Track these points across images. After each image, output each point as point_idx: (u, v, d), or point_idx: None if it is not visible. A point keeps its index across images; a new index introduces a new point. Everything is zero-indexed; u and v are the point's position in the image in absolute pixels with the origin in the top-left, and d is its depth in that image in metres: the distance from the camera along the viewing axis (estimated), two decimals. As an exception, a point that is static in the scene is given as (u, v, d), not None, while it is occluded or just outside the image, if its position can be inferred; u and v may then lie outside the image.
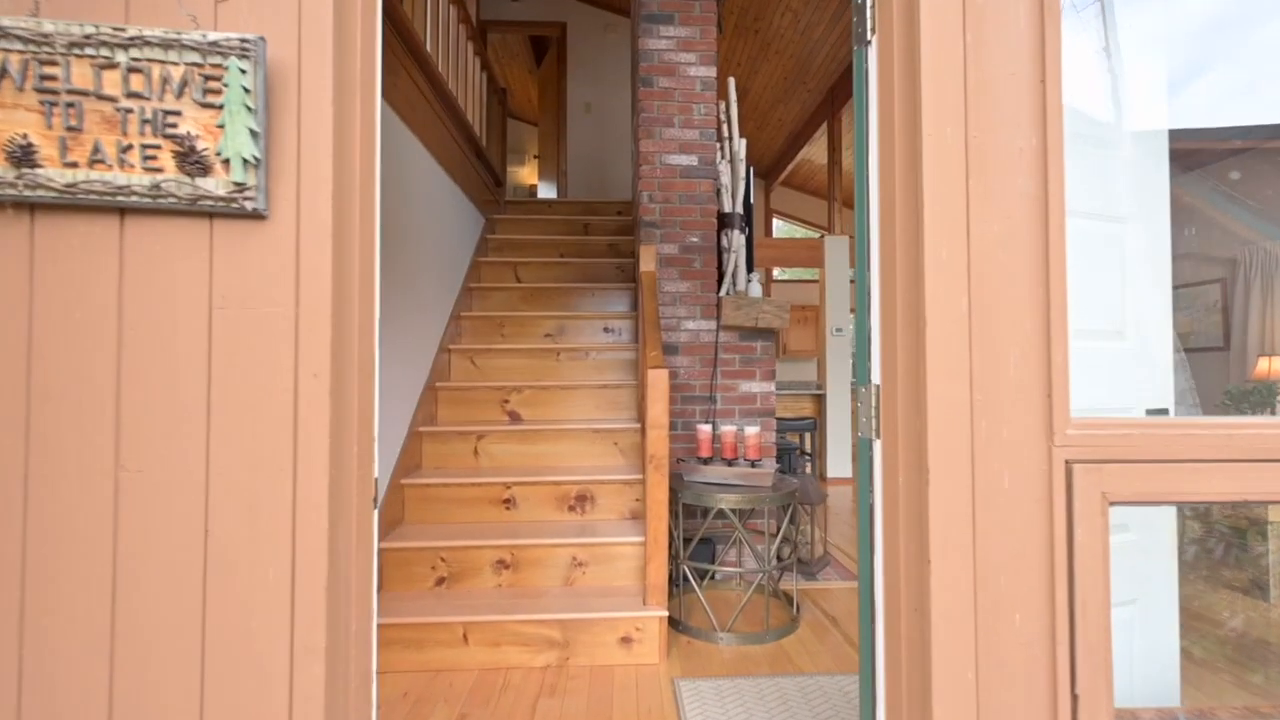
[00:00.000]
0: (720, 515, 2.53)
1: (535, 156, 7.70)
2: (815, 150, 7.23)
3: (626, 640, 2.23)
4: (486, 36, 5.93)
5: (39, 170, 0.81)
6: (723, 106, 3.19)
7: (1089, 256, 1.32)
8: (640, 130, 3.19)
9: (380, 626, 2.18)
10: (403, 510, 2.66)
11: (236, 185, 0.84)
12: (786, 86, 6.07)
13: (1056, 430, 0.90)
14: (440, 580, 2.43)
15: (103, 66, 0.82)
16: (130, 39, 0.81)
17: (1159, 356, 1.42)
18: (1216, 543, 2.68)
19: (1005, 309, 0.92)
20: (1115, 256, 1.35)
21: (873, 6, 1.05)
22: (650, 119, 3.16)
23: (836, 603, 2.85)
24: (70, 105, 0.82)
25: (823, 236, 6.11)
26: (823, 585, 3.09)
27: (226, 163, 0.84)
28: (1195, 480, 0.90)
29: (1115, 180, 1.40)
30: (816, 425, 5.99)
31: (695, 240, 3.20)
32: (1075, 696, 0.87)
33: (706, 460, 2.69)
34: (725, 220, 3.19)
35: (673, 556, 2.64)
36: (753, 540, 3.03)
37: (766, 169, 8.03)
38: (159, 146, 0.83)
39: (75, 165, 0.82)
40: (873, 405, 1.08)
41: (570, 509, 2.72)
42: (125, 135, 0.83)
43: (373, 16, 0.97)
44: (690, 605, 2.74)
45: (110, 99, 0.82)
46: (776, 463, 3.25)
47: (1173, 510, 1.41)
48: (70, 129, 0.82)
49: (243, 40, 0.83)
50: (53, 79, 0.81)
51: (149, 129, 0.83)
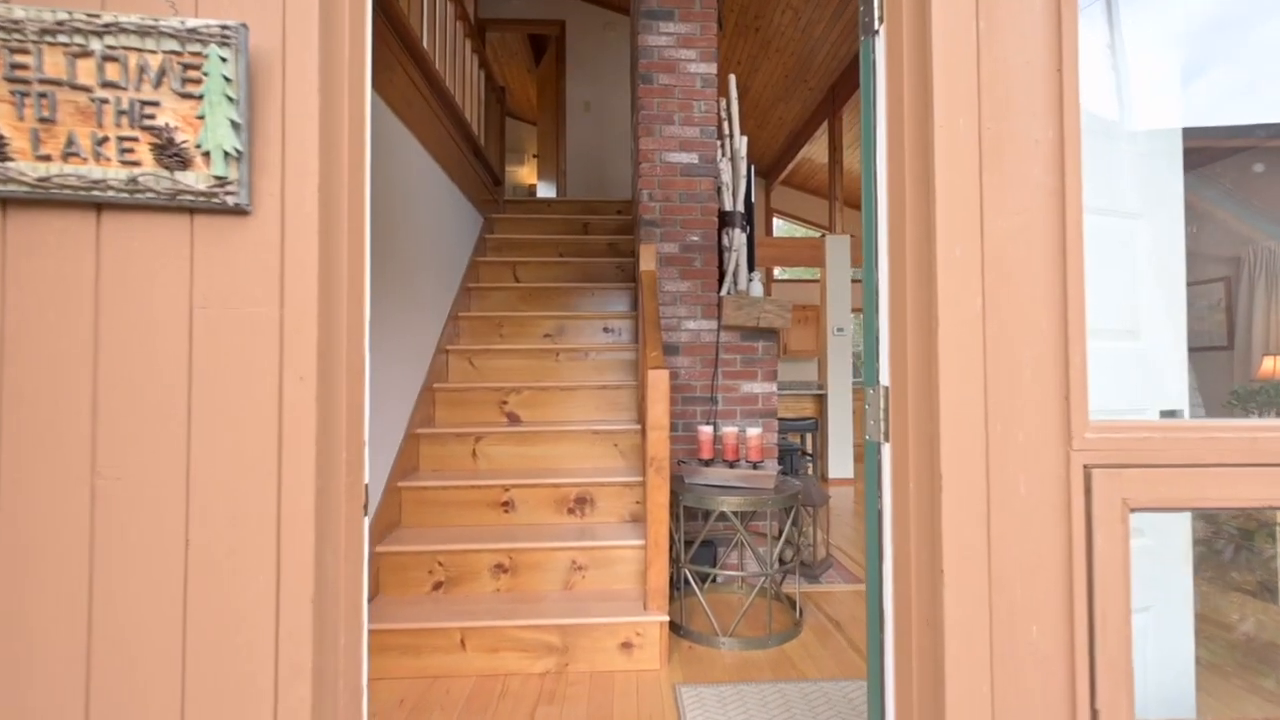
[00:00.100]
0: (722, 518, 2.50)
1: (534, 156, 7.66)
2: (816, 149, 7.19)
3: (627, 646, 2.19)
4: (485, 35, 5.89)
5: (10, 164, 0.77)
6: (723, 103, 3.15)
7: (1101, 253, 1.28)
8: (640, 128, 3.15)
9: (376, 632, 2.14)
10: (399, 513, 2.62)
11: (217, 179, 0.80)
12: (787, 85, 6.03)
13: (1074, 434, 0.86)
14: (438, 585, 2.40)
15: (77, 55, 0.78)
16: (105, 26, 0.78)
17: (1172, 356, 1.38)
18: (1225, 544, 2.64)
19: (1021, 307, 0.88)
20: (1127, 253, 1.31)
21: (881, -6, 1.02)
22: (650, 116, 3.12)
23: (839, 606, 2.81)
24: (43, 96, 0.78)
25: (823, 236, 6.07)
26: (825, 588, 3.05)
27: (207, 156, 0.80)
28: (1220, 485, 0.86)
29: (1126, 176, 1.36)
30: (818, 425, 5.95)
31: (696, 239, 3.16)
32: (1095, 712, 0.84)
33: (708, 462, 2.65)
34: (726, 219, 3.15)
35: (673, 559, 2.60)
36: (755, 543, 2.99)
37: (767, 168, 7.99)
38: (136, 139, 0.79)
39: (48, 158, 0.78)
40: (881, 408, 1.05)
41: (570, 512, 2.68)
42: (101, 127, 0.79)
43: (361, 4, 0.93)
44: (691, 609, 2.71)
45: (85, 89, 0.79)
46: (778, 464, 3.21)
47: (1188, 514, 1.37)
48: (43, 120, 0.78)
49: (223, 27, 0.79)
50: (24, 68, 0.77)
51: (125, 120, 0.79)
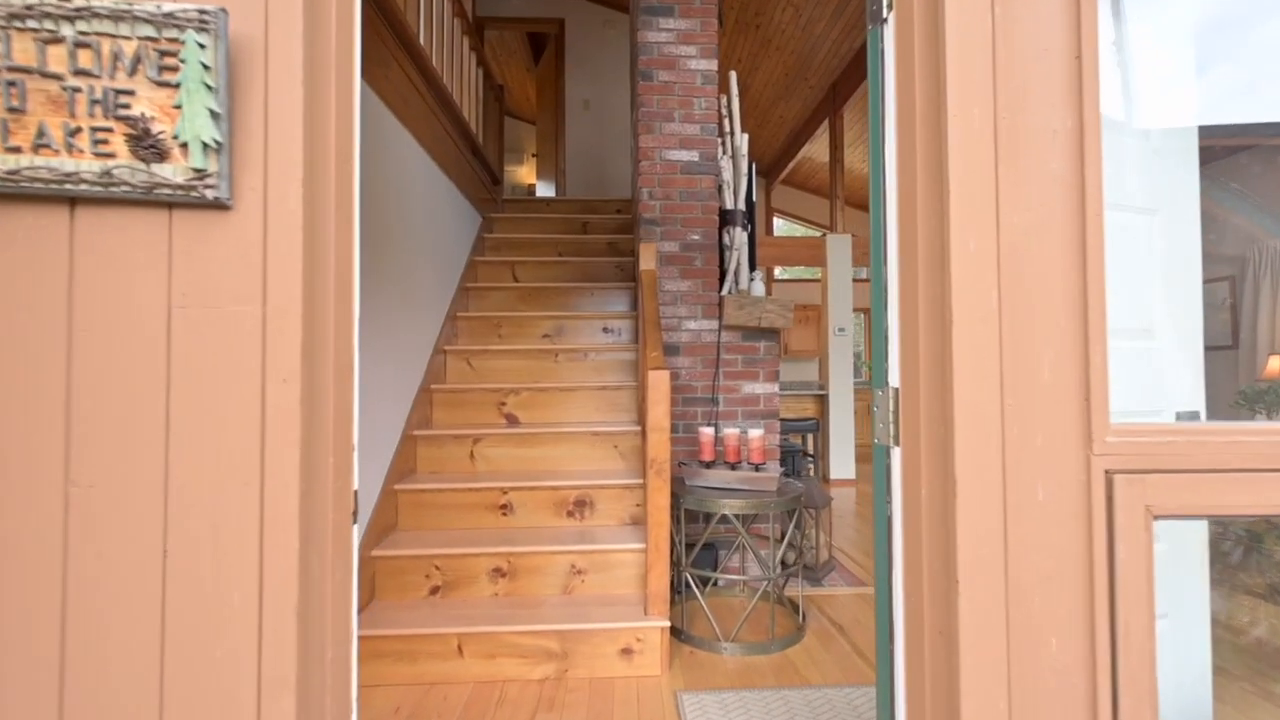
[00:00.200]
0: (723, 520, 2.46)
1: (533, 155, 7.63)
2: (817, 148, 7.16)
3: (627, 651, 2.15)
4: (484, 33, 5.85)
5: (-23, 156, 0.73)
6: (724, 101, 3.11)
7: (1114, 249, 1.25)
8: (640, 125, 3.11)
9: (372, 638, 2.10)
10: (396, 516, 2.59)
11: (196, 172, 0.76)
12: (787, 83, 5.99)
13: (1095, 437, 0.82)
14: (434, 589, 2.36)
15: (47, 41, 0.74)
16: (77, 10, 0.74)
17: (1187, 356, 1.34)
18: (1233, 546, 2.60)
19: (1039, 305, 0.84)
20: (1143, 250, 1.27)
21: (890, -20, 0.98)
22: (650, 114, 3.08)
23: (843, 610, 2.77)
24: (11, 84, 0.74)
25: (825, 235, 6.03)
26: (828, 591, 3.01)
27: (185, 147, 0.76)
28: (1247, 492, 0.83)
29: (1139, 172, 1.32)
30: (819, 426, 5.91)
31: (696, 238, 3.12)
32: (1118, 729, 0.80)
33: (709, 464, 2.62)
34: (727, 217, 3.11)
35: (674, 563, 2.56)
36: (757, 546, 2.96)
37: (767, 167, 7.95)
38: (110, 129, 0.76)
39: (18, 150, 0.74)
40: (891, 410, 1.01)
41: (569, 515, 2.64)
42: (73, 117, 0.75)
43: (349, -10, 0.89)
44: (693, 613, 2.67)
45: (56, 77, 0.75)
46: (780, 465, 3.17)
47: (1204, 519, 1.34)
48: (12, 110, 0.74)
49: (201, 12, 0.75)
50: (-9, 55, 0.73)
51: (99, 110, 0.75)
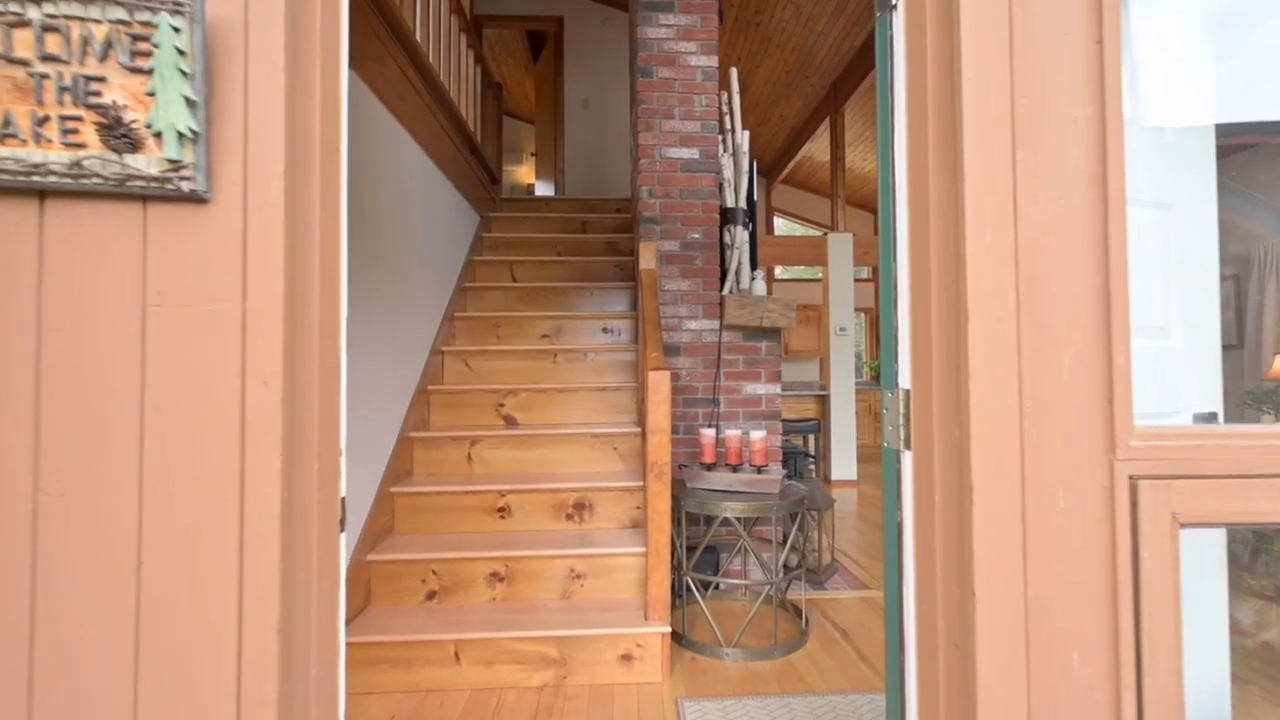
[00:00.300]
0: (725, 523, 2.42)
1: (532, 154, 7.59)
2: (817, 147, 7.12)
3: (627, 658, 2.11)
4: (482, 31, 5.81)
5: (-61, 146, 0.69)
6: (724, 97, 3.07)
7: (1131, 245, 1.21)
8: (639, 123, 3.07)
9: (367, 645, 2.06)
10: (392, 520, 2.54)
11: (171, 163, 0.72)
12: (788, 82, 5.95)
13: (1119, 441, 0.78)
14: (431, 594, 2.32)
15: (13, 25, 0.70)
16: (43, -9, 0.70)
17: (1206, 356, 1.30)
18: (1242, 548, 2.56)
19: (1059, 302, 0.80)
20: (1158, 246, 1.23)
21: (900, -36, 0.94)
22: (649, 111, 3.04)
23: (846, 613, 2.73)
24: (-25, 70, 0.70)
25: (826, 234, 5.99)
26: (831, 595, 2.97)
27: (159, 137, 0.72)
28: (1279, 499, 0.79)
29: (1156, 166, 1.28)
30: (820, 427, 5.87)
31: (697, 237, 3.08)
32: (1144, 749, 0.76)
33: (710, 466, 2.58)
34: (728, 216, 3.07)
35: (675, 566, 2.52)
36: (759, 548, 2.91)
37: (768, 167, 7.92)
38: (80, 118, 0.72)
39: (-17, 140, 0.70)
40: (901, 412, 0.97)
41: (568, 518, 2.60)
42: (41, 105, 0.71)
43: (334, -27, 0.85)
44: (694, 617, 2.63)
45: (22, 63, 0.71)
46: (782, 467, 3.13)
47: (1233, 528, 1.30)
48: (-24, 98, 0.70)
49: (176, -7, 0.71)
50: (-47, 39, 0.69)
51: (68, 98, 0.71)
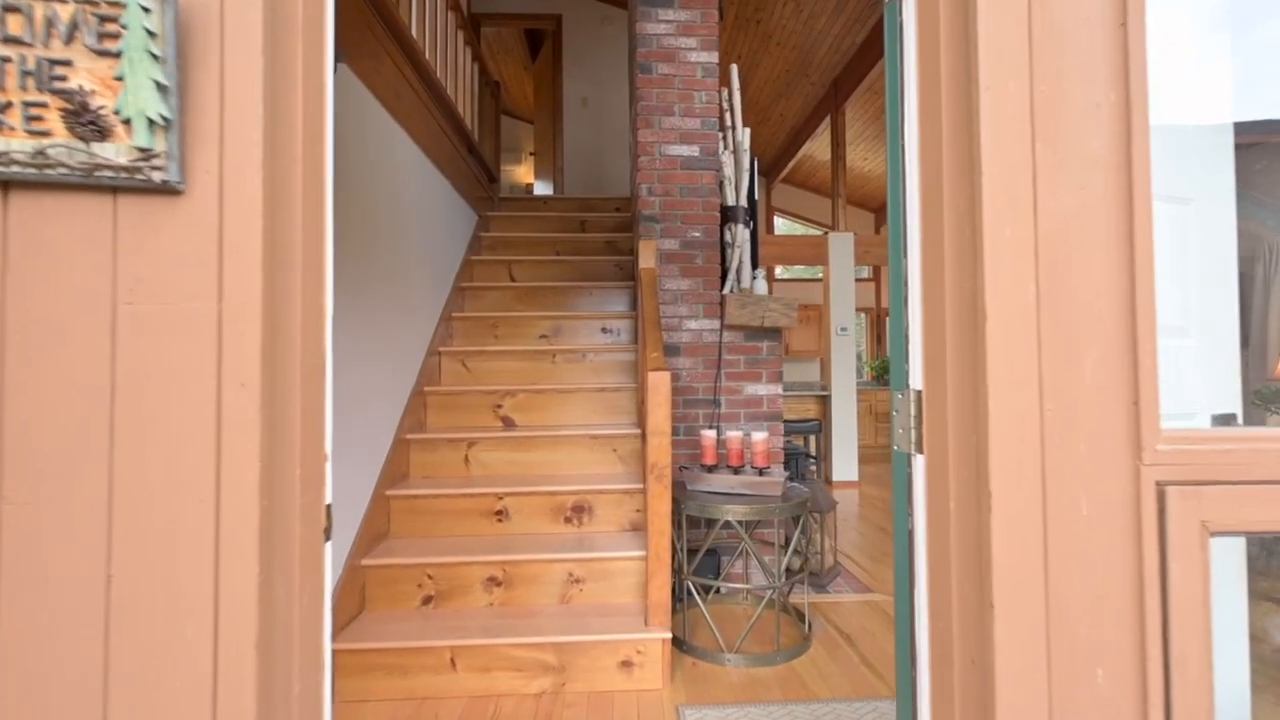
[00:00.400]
0: (726, 526, 2.38)
1: (531, 154, 7.55)
2: (818, 146, 7.08)
3: (627, 664, 2.07)
4: (480, 30, 5.77)
5: (-107, 133, 0.65)
6: (725, 94, 3.03)
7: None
8: (639, 120, 3.03)
9: (361, 651, 2.02)
10: (388, 523, 2.50)
11: (141, 151, 0.68)
12: (788, 80, 5.91)
13: (1145, 445, 0.74)
14: (427, 599, 2.27)
15: (-28, 4, 0.66)
16: (4, -31, 0.66)
17: (1224, 356, 1.26)
18: (1256, 551, 2.51)
19: (1081, 299, 0.76)
20: (1178, 243, 1.19)
21: (911, -54, 0.90)
22: (649, 107, 3.00)
23: (849, 618, 2.69)
24: (-68, 53, 0.66)
25: (827, 233, 5.96)
26: (834, 598, 2.93)
27: (128, 124, 0.68)
28: (1314, 505, 0.74)
29: (1173, 158, 1.24)
30: (821, 427, 5.83)
31: (697, 235, 3.04)
32: (1173, 771, 0.72)
33: (711, 468, 2.53)
34: (728, 214, 3.03)
35: (675, 570, 2.48)
36: (760, 551, 2.87)
37: (768, 166, 7.87)
38: (45, 104, 0.67)
39: (-59, 128, 0.66)
40: (912, 415, 0.93)
41: (566, 521, 2.56)
42: (3, 91, 0.67)
43: (317, -47, 0.81)
44: (694, 622, 2.58)
45: (-18, 45, 0.67)
46: (784, 469, 3.09)
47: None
48: (-67, 82, 0.66)
49: (146, -29, 0.67)
50: (-92, 19, 0.65)
51: (31, 82, 0.67)
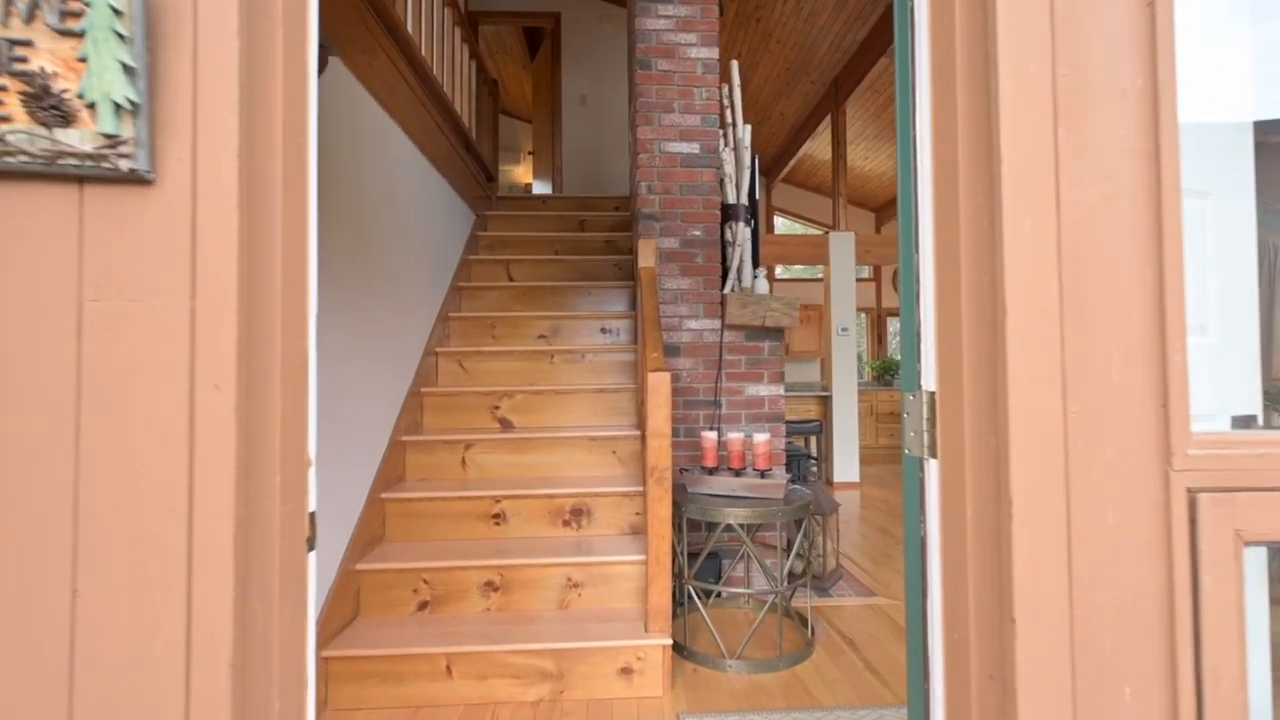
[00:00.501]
0: (727, 529, 2.33)
1: (530, 153, 7.51)
2: (818, 145, 7.04)
3: (627, 671, 2.03)
4: (478, 28, 5.73)
5: None
6: (725, 91, 2.99)
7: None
8: (638, 117, 2.99)
9: (355, 659, 1.97)
10: (383, 527, 2.46)
11: (107, 138, 0.64)
12: (788, 79, 5.87)
13: (1175, 450, 0.70)
14: (423, 604, 2.23)
15: (-75, -20, 0.62)
16: (-41, -58, 0.61)
17: (1244, 355, 1.22)
18: (1272, 556, 2.47)
19: (1106, 295, 0.72)
20: (1197, 238, 1.15)
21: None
22: (648, 104, 2.96)
23: (852, 622, 2.65)
24: (-118, 32, 0.62)
25: (827, 233, 5.92)
26: (836, 602, 2.89)
27: (93, 108, 0.63)
28: (1354, 513, 0.70)
29: (1192, 151, 1.20)
30: (822, 428, 5.79)
31: (697, 234, 3.00)
32: (1207, 796, 0.68)
33: (712, 470, 2.49)
34: (729, 212, 2.99)
35: (676, 574, 2.44)
36: (762, 555, 2.83)
37: (767, 165, 7.83)
38: (4, 88, 0.63)
39: (-108, 112, 0.62)
40: (925, 417, 0.88)
41: (565, 524, 2.52)
42: (-41, 73, 0.63)
43: (298, -69, 0.77)
44: (695, 626, 2.54)
45: (-63, 24, 0.62)
46: (785, 470, 3.05)
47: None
48: (-117, 63, 0.62)
49: (111, -55, 0.63)
50: None
51: (-11, 64, 0.63)
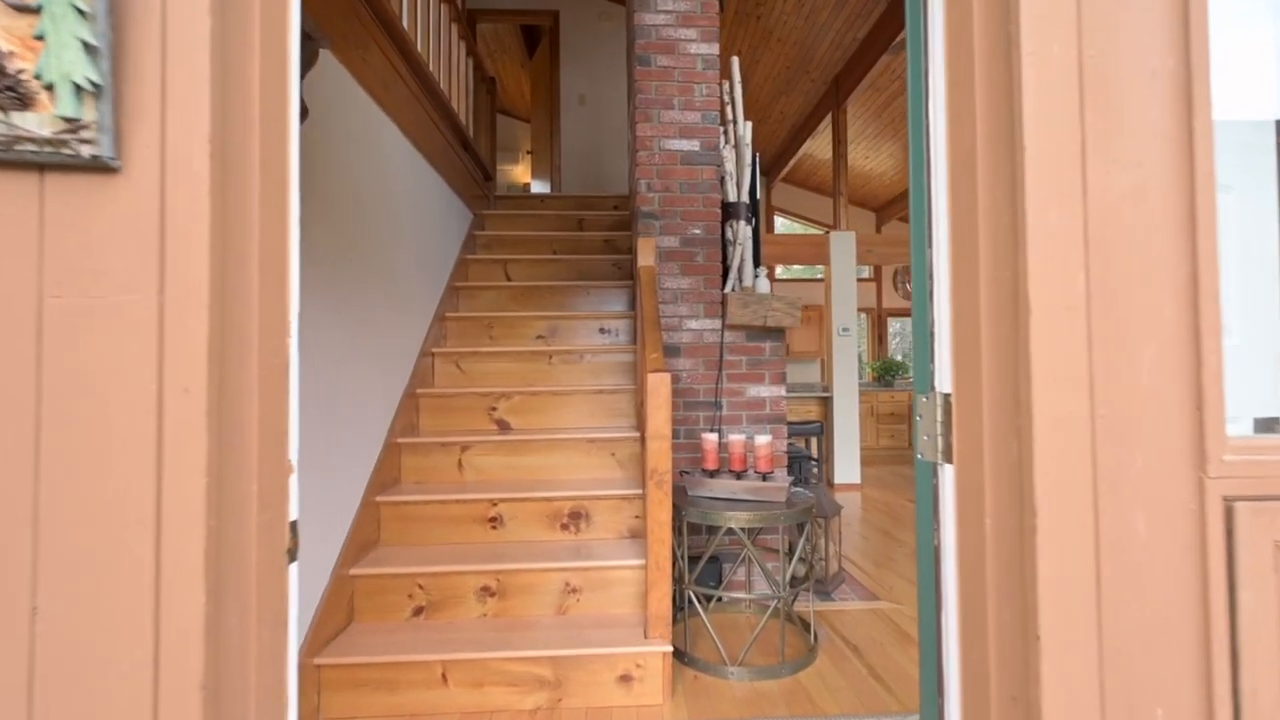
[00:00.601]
0: (729, 532, 2.29)
1: (528, 153, 7.46)
2: (819, 144, 7.00)
3: (626, 678, 1.98)
4: (476, 26, 5.69)
5: None
6: (726, 87, 2.95)
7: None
8: (637, 114, 2.94)
9: (348, 666, 1.92)
10: (378, 531, 2.41)
11: (67, 122, 0.59)
12: (789, 77, 5.83)
13: (1210, 456, 0.66)
14: (418, 610, 2.18)
15: None
16: (-95, -91, 0.57)
17: (1267, 355, 1.18)
18: None
19: (1137, 290, 0.67)
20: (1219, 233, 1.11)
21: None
22: (648, 101, 2.91)
23: (855, 627, 2.60)
24: None
25: (828, 232, 5.88)
26: (839, 606, 2.84)
27: (51, 90, 0.59)
28: (1401, 522, 0.66)
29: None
30: (823, 429, 5.75)
31: (698, 232, 2.95)
32: (1246, 826, 0.63)
33: (713, 473, 2.45)
34: (730, 210, 2.94)
35: (676, 578, 2.39)
36: (763, 558, 2.78)
37: (767, 165, 7.79)
38: (-44, 68, 0.59)
39: None
40: (938, 420, 0.84)
41: (563, 528, 2.47)
42: (-93, 51, 0.58)
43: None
44: (696, 632, 2.49)
45: (-118, -2, 0.58)
46: (788, 474, 3.00)
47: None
48: None
49: (71, -86, 0.58)
50: None
51: (-60, 42, 0.58)
